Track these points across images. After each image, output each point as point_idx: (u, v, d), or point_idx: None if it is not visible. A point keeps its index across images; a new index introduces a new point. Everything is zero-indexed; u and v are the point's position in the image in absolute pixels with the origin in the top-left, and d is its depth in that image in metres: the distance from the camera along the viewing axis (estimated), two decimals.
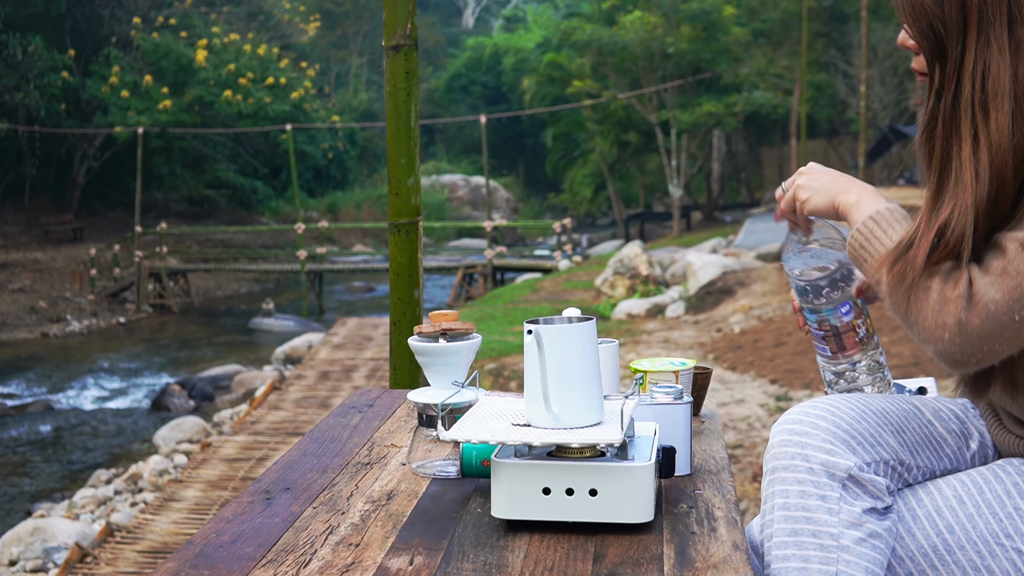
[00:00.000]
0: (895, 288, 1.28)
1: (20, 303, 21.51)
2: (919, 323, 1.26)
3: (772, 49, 24.76)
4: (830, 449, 1.30)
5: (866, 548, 1.28)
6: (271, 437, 9.34)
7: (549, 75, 29.29)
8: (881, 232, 1.33)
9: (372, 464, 1.58)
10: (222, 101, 28.02)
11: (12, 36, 25.23)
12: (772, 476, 1.33)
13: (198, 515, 7.41)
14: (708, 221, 28.77)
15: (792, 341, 9.83)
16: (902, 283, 1.27)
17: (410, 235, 2.57)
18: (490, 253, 21.74)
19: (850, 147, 26.47)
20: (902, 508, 1.35)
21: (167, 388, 13.89)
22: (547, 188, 39.29)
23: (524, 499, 1.25)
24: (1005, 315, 1.20)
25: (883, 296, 1.31)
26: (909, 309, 1.27)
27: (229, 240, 28.91)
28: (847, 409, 1.34)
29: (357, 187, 36.40)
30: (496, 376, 9.42)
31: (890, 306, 1.31)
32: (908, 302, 1.26)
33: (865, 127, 13.91)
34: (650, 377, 1.58)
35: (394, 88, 2.55)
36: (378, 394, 2.06)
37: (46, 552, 7.37)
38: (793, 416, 1.35)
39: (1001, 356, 1.24)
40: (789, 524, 1.29)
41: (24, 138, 25.98)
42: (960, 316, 1.22)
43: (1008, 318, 1.20)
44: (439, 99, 42.74)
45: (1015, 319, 1.20)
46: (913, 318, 1.26)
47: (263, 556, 1.22)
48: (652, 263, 15.37)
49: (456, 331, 1.55)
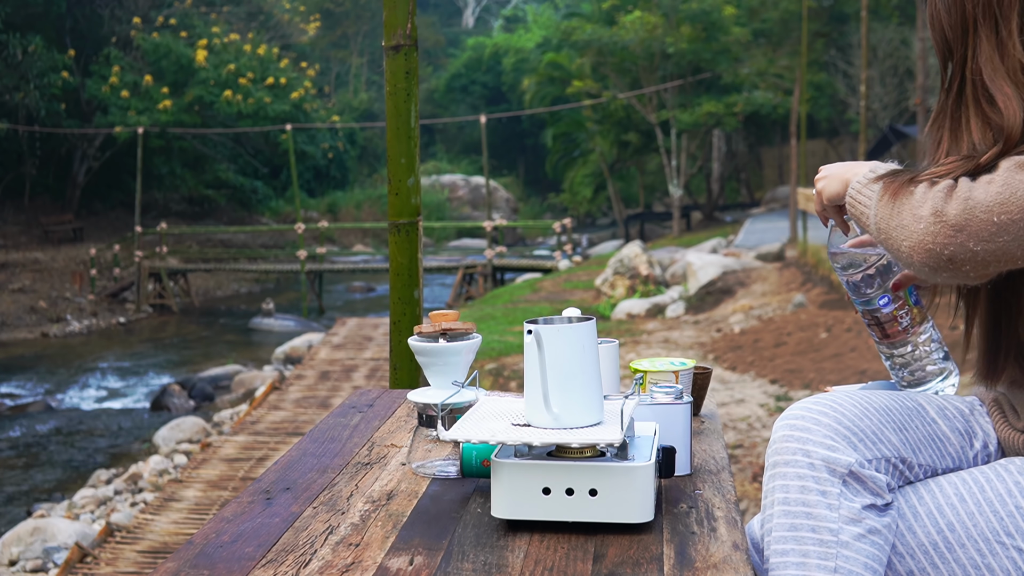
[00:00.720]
0: (881, 201, 1.29)
1: (20, 303, 21.51)
2: (898, 224, 1.25)
3: (772, 49, 24.75)
4: (831, 445, 1.30)
5: (865, 544, 1.28)
6: (271, 437, 9.35)
7: (549, 75, 29.29)
8: (861, 187, 1.36)
9: (372, 464, 1.58)
10: (222, 101, 28.02)
11: (12, 36, 25.23)
12: (773, 471, 1.34)
13: (198, 515, 7.42)
14: (708, 221, 28.78)
15: (792, 341, 9.83)
16: (888, 193, 1.29)
17: (410, 235, 2.57)
18: (490, 253, 21.74)
19: (850, 147, 26.47)
20: (903, 505, 1.36)
21: (167, 388, 13.89)
22: (547, 188, 39.30)
23: (524, 499, 1.25)
24: (984, 213, 1.19)
25: (872, 222, 1.31)
26: (891, 213, 1.27)
27: (229, 240, 28.91)
28: (849, 406, 1.34)
29: (357, 187, 36.40)
30: (496, 376, 9.42)
31: (874, 224, 1.30)
32: (891, 208, 1.27)
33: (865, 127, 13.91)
34: (650, 377, 1.58)
35: (394, 88, 2.55)
36: (378, 394, 2.06)
37: (46, 552, 7.37)
38: (795, 412, 1.35)
39: (975, 263, 1.21)
40: (789, 519, 1.30)
41: (24, 138, 25.98)
42: (938, 205, 1.22)
43: (987, 216, 1.19)
44: (439, 99, 42.74)
45: (993, 220, 1.19)
46: (894, 222, 1.26)
47: (263, 556, 1.22)
48: (652, 263, 15.37)
49: (456, 331, 1.55)
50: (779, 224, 21.05)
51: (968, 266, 1.22)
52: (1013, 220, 1.18)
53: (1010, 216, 1.18)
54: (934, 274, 1.25)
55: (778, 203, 27.78)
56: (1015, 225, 1.19)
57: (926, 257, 1.23)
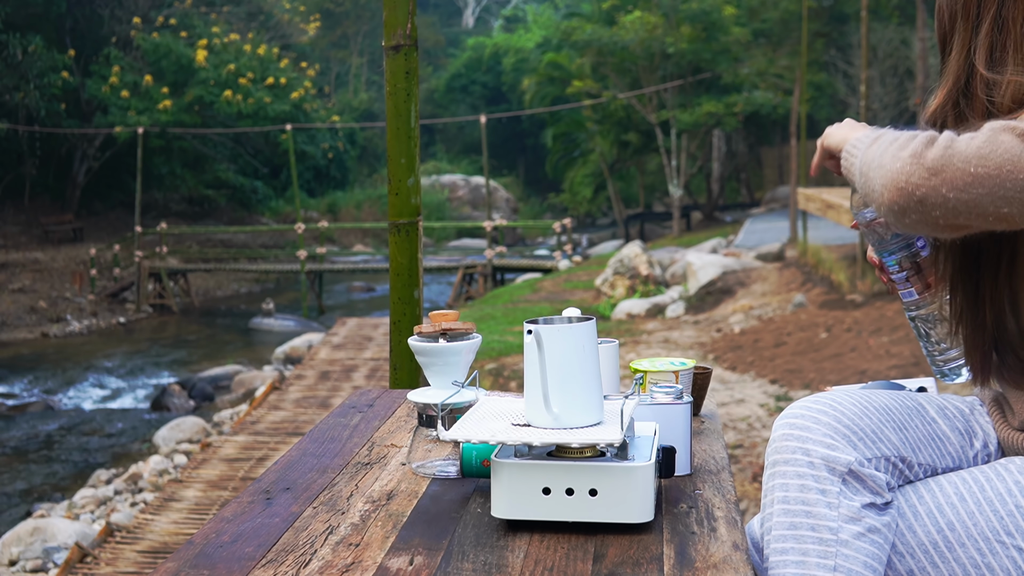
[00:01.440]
0: (869, 148, 1.30)
1: (20, 303, 21.51)
2: (878, 164, 1.26)
3: (772, 49, 24.74)
4: (831, 444, 1.30)
5: (865, 543, 1.28)
6: (271, 437, 9.34)
7: (549, 75, 29.27)
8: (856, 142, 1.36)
9: (372, 464, 1.58)
10: (222, 101, 28.01)
11: (12, 36, 25.22)
12: (772, 470, 1.34)
13: (198, 515, 7.42)
14: (708, 221, 28.76)
15: (792, 341, 9.83)
16: (875, 139, 1.30)
17: (410, 235, 2.57)
18: (490, 253, 21.74)
19: None
20: (903, 504, 1.36)
21: (167, 388, 13.89)
22: (547, 188, 39.27)
23: (524, 499, 1.25)
24: (961, 163, 1.19)
25: (856, 168, 1.32)
26: (874, 156, 1.27)
27: (229, 240, 28.90)
28: (849, 405, 1.35)
29: (357, 187, 36.39)
30: (496, 376, 9.42)
31: (858, 170, 1.31)
32: (875, 150, 1.28)
33: None
34: (650, 377, 1.58)
35: (394, 88, 2.55)
36: (378, 394, 2.06)
37: (46, 552, 7.37)
38: (795, 411, 1.35)
39: (945, 209, 1.21)
40: (788, 518, 1.30)
41: (24, 138, 25.98)
42: (917, 149, 1.22)
43: (963, 166, 1.19)
44: (439, 99, 42.72)
45: (970, 171, 1.18)
46: (875, 163, 1.26)
47: (263, 556, 1.22)
48: (652, 263, 15.37)
49: (456, 331, 1.55)
50: (779, 224, 21.04)
51: (938, 211, 1.21)
52: (989, 174, 1.18)
53: (987, 170, 1.18)
54: (903, 216, 1.24)
55: (778, 203, 27.77)
56: (991, 180, 1.18)
57: (897, 195, 1.22)
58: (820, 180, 27.44)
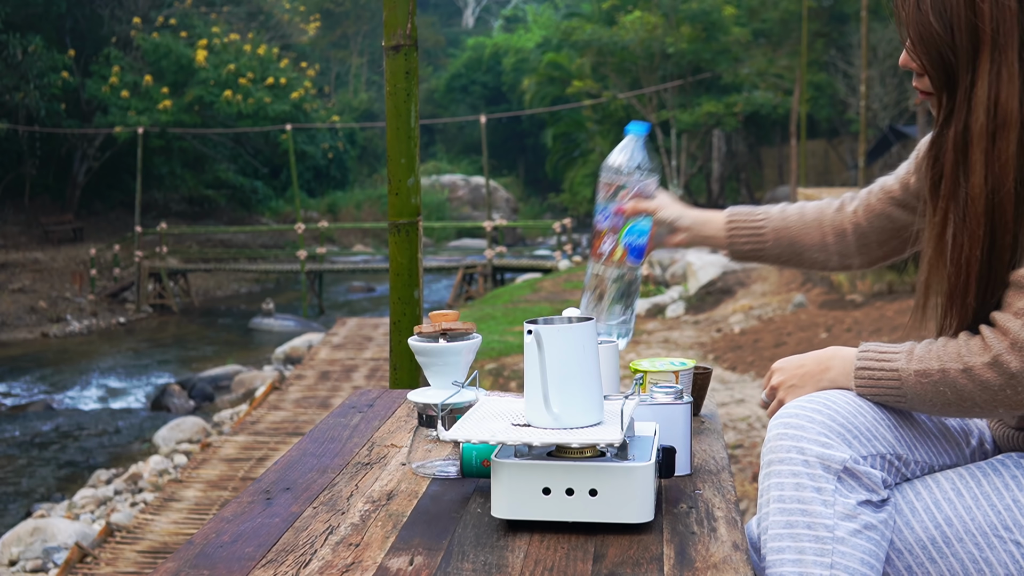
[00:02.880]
0: (928, 390, 1.31)
1: (20, 303, 21.50)
2: (971, 407, 1.30)
3: (772, 49, 24.75)
4: (825, 442, 1.30)
5: (861, 540, 1.28)
6: (271, 437, 9.34)
7: (549, 75, 29.27)
8: (877, 352, 1.36)
9: (372, 464, 1.58)
10: (222, 101, 28.00)
11: (12, 36, 25.22)
12: (768, 469, 1.34)
13: (198, 515, 7.41)
14: None
15: (792, 341, 9.83)
16: (931, 381, 1.30)
17: (410, 235, 2.57)
18: (490, 253, 21.73)
19: (850, 147, 26.46)
20: (900, 501, 1.36)
21: (167, 388, 13.89)
22: (547, 188, 39.25)
23: (524, 499, 1.25)
24: None
25: (924, 406, 1.34)
26: (955, 400, 1.30)
27: (229, 240, 28.90)
28: (844, 404, 1.35)
29: (357, 187, 36.38)
30: (496, 376, 9.42)
31: (936, 408, 1.33)
32: (951, 396, 1.29)
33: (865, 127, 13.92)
34: (650, 377, 1.58)
35: (394, 88, 2.55)
36: (378, 394, 2.06)
37: (46, 552, 7.37)
38: (789, 410, 1.35)
39: None
40: (784, 516, 1.30)
41: (24, 138, 25.97)
42: (1000, 375, 1.25)
43: None
44: (439, 99, 42.71)
45: None
46: (967, 406, 1.30)
47: (263, 556, 1.22)
48: (652, 263, 15.37)
49: (456, 331, 1.55)
50: None
51: None
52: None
53: None
54: None
55: (778, 203, 27.77)
56: None
57: (1016, 407, 1.28)
58: (820, 180, 27.48)
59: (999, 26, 1.25)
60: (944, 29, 1.28)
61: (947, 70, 1.30)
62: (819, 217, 1.76)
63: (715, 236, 1.79)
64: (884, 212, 1.68)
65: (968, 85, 1.28)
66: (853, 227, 1.72)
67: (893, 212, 1.67)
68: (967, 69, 1.28)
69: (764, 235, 1.77)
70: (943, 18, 1.28)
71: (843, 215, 1.74)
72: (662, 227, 1.77)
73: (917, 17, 1.30)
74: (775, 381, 1.47)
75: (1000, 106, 1.25)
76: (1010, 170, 1.25)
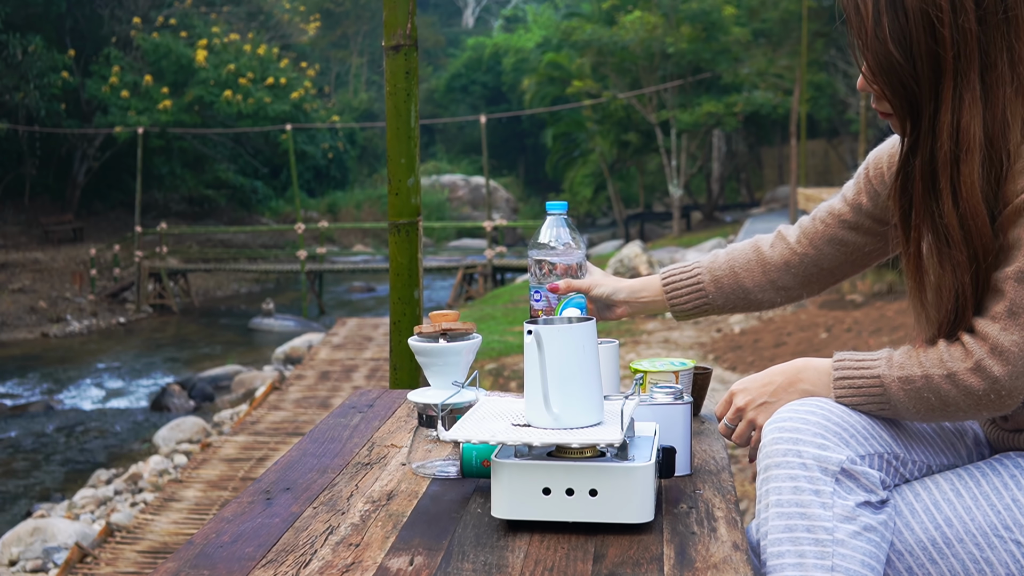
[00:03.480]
0: (912, 396, 1.31)
1: (20, 303, 21.51)
2: (955, 412, 1.31)
3: (772, 49, 24.74)
4: (822, 443, 1.30)
5: (861, 541, 1.28)
6: (271, 437, 9.34)
7: (549, 75, 29.26)
8: (854, 361, 1.36)
9: (372, 464, 1.58)
10: (222, 101, 28.01)
11: (12, 36, 25.22)
12: (765, 474, 1.34)
13: (198, 515, 7.41)
14: (708, 221, 28.77)
15: (792, 341, 9.83)
16: (914, 387, 1.31)
17: (410, 235, 2.57)
18: (490, 253, 21.73)
19: (850, 147, 26.46)
20: (900, 503, 1.36)
21: (167, 388, 13.89)
22: (547, 188, 39.23)
23: (524, 499, 1.25)
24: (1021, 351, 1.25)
25: (908, 412, 1.34)
26: (940, 406, 1.31)
27: (229, 240, 28.90)
28: (836, 406, 1.35)
29: (357, 187, 36.38)
30: (496, 376, 9.42)
31: (920, 415, 1.34)
32: (935, 402, 1.30)
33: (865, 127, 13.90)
34: (650, 377, 1.58)
35: (394, 88, 2.55)
36: (378, 394, 2.06)
37: (46, 552, 7.37)
38: (784, 414, 1.35)
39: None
40: (783, 520, 1.30)
41: (24, 138, 25.98)
42: (983, 380, 1.26)
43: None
44: (439, 99, 42.70)
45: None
46: (951, 411, 1.31)
47: (263, 556, 1.22)
48: (652, 263, 15.36)
49: (456, 331, 1.55)
50: (779, 224, 20.97)
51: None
52: None
53: None
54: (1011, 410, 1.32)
55: (778, 203, 27.77)
56: None
57: (1004, 411, 1.30)
58: (820, 180, 27.47)
59: (960, 51, 1.23)
60: (905, 58, 1.25)
61: (910, 99, 1.27)
62: (757, 256, 1.71)
63: (654, 301, 1.75)
64: (835, 237, 1.63)
65: (932, 113, 1.26)
66: (799, 258, 1.67)
67: (845, 236, 1.62)
68: (930, 97, 1.26)
69: (703, 288, 1.73)
70: (903, 47, 1.25)
71: (785, 248, 1.69)
72: (599, 303, 1.74)
73: (876, 46, 1.27)
74: (740, 402, 1.45)
75: (962, 131, 1.24)
76: (977, 193, 1.24)
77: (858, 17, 1.29)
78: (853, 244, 1.62)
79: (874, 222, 1.59)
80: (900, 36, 1.25)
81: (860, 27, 1.29)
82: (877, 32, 1.26)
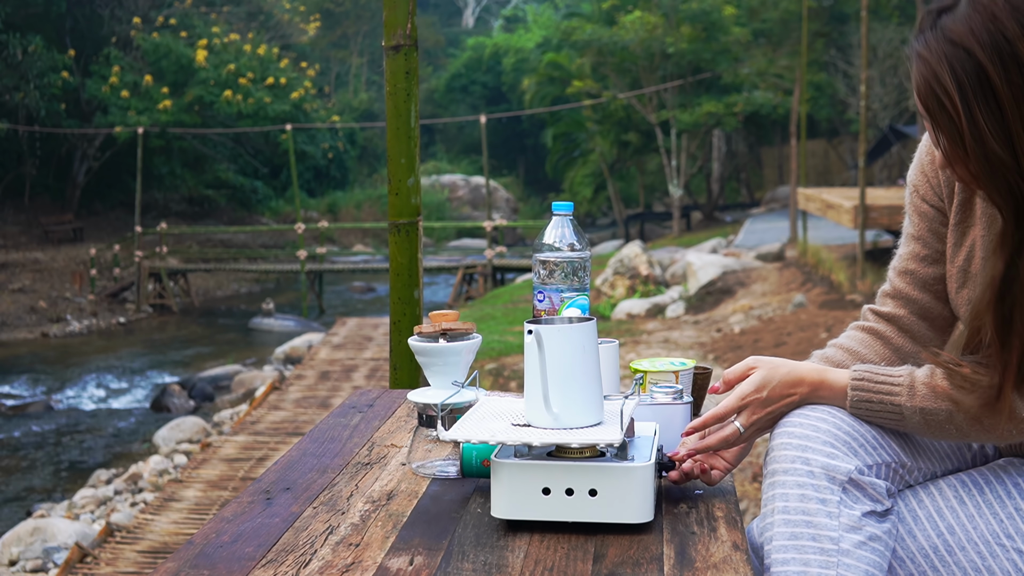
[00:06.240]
0: (931, 425, 1.33)
1: (20, 303, 21.50)
2: (977, 440, 1.36)
3: (772, 49, 24.73)
4: (831, 452, 1.30)
5: (866, 551, 1.27)
6: (271, 437, 9.34)
7: (549, 75, 29.25)
8: (873, 382, 1.34)
9: (372, 464, 1.58)
10: (222, 101, 28.01)
11: (12, 36, 25.22)
12: (772, 479, 1.33)
13: (198, 515, 7.42)
14: (708, 221, 28.75)
15: (792, 341, 9.82)
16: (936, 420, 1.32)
17: (410, 235, 2.57)
18: (490, 253, 21.73)
19: (850, 147, 26.45)
20: (903, 509, 1.35)
21: (167, 388, 13.88)
22: (547, 188, 39.24)
23: (524, 499, 1.25)
24: None
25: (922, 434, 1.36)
26: (958, 435, 1.34)
27: (229, 240, 28.90)
28: (848, 415, 1.34)
29: (357, 187, 36.38)
30: (496, 376, 9.42)
31: (934, 437, 1.36)
32: (955, 433, 1.33)
33: (865, 127, 13.85)
34: (650, 377, 1.57)
35: (394, 88, 2.55)
36: (378, 394, 2.06)
37: (46, 552, 7.37)
38: (793, 420, 1.34)
39: None
40: (789, 528, 1.29)
41: (24, 138, 25.97)
42: (1011, 420, 1.28)
43: None
44: (439, 99, 42.69)
45: None
46: (971, 439, 1.35)
47: (263, 556, 1.22)
48: (652, 263, 15.36)
49: (456, 331, 1.55)
50: (779, 224, 21.03)
51: None
52: None
53: None
54: None
55: (778, 203, 27.76)
56: None
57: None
58: (820, 180, 27.45)
59: None
60: (1010, 155, 1.16)
61: (1016, 198, 1.18)
62: (877, 347, 1.51)
63: None
64: (927, 277, 1.47)
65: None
66: (912, 322, 1.50)
67: (932, 271, 1.47)
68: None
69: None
70: (1007, 143, 1.16)
71: (895, 332, 1.51)
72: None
73: (978, 149, 1.17)
74: (747, 390, 1.38)
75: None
76: None
77: (945, 115, 1.19)
78: (943, 264, 1.47)
79: (944, 228, 1.45)
80: (1000, 132, 1.15)
81: (952, 129, 1.19)
82: (973, 132, 1.16)
